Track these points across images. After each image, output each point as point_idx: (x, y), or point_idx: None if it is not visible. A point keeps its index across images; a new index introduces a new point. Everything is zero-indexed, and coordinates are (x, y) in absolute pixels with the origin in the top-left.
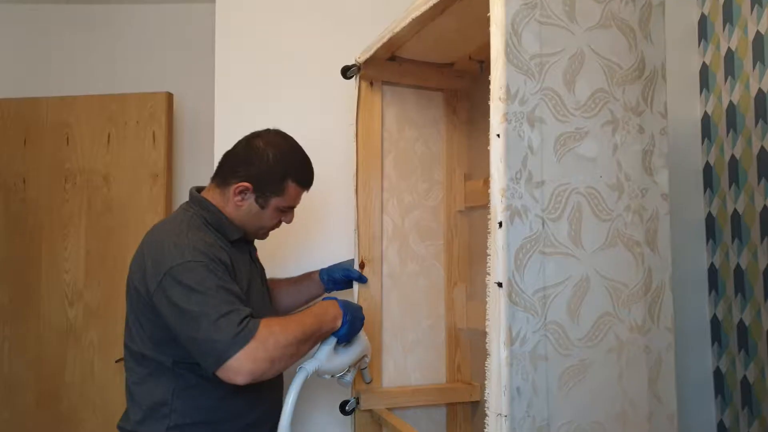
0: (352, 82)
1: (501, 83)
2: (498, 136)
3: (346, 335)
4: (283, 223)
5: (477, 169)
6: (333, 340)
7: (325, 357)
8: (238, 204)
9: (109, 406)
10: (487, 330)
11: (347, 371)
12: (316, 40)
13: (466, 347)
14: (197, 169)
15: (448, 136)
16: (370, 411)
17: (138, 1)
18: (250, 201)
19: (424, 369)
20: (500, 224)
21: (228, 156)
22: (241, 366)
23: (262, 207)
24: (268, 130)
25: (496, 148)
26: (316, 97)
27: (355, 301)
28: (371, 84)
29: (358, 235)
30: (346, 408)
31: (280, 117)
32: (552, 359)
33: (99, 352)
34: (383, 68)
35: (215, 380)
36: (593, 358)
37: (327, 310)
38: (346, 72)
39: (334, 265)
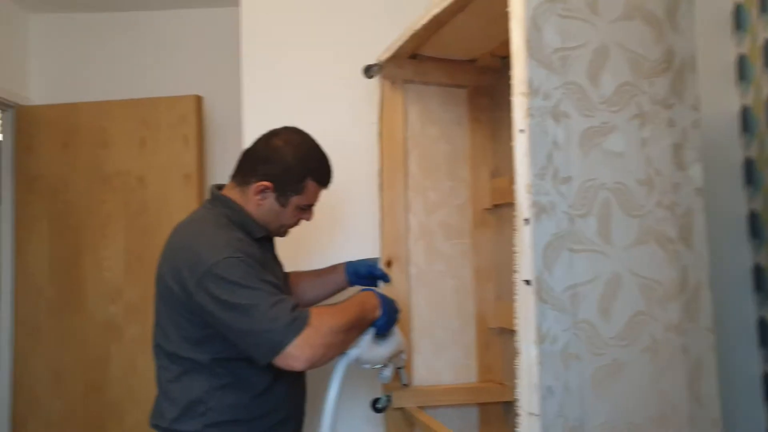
0: (375, 81)
1: (523, 78)
2: (522, 131)
3: (384, 326)
4: (310, 222)
5: (503, 167)
6: (372, 330)
7: (366, 346)
8: (258, 203)
9: (151, 399)
10: (516, 328)
11: (385, 366)
12: (339, 41)
13: (496, 347)
14: (227, 169)
15: (472, 134)
16: (401, 409)
17: (167, 6)
18: (270, 200)
19: (455, 368)
20: (526, 221)
21: (247, 155)
22: (301, 352)
23: (283, 205)
24: (286, 128)
25: (521, 143)
26: (339, 97)
27: None
28: (393, 82)
29: (383, 234)
30: (378, 405)
31: (305, 116)
32: (584, 358)
33: (140, 347)
34: (405, 66)
35: (248, 379)
36: (627, 358)
37: (368, 299)
38: (368, 71)
39: (360, 261)
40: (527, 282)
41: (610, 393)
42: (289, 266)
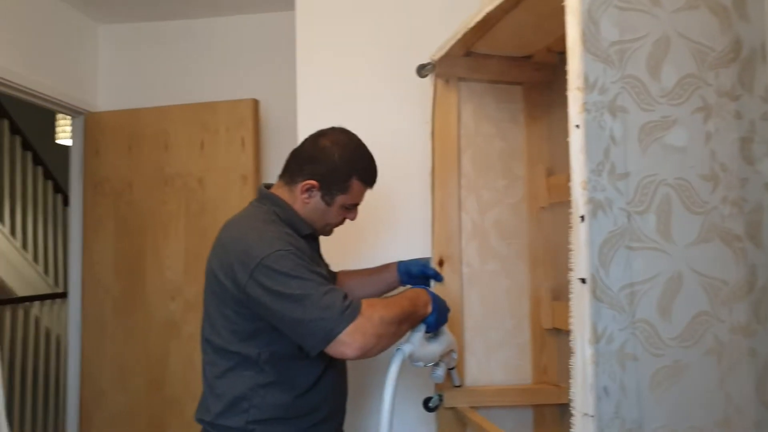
0: (428, 80)
1: (579, 73)
2: (577, 126)
3: (434, 323)
4: (362, 221)
5: (560, 164)
6: (423, 327)
7: (419, 342)
8: (305, 201)
9: None
10: (570, 327)
11: (437, 365)
12: (392, 41)
13: (552, 348)
14: None
15: (528, 131)
16: (453, 409)
17: (225, 13)
18: (316, 198)
19: (508, 369)
20: (582, 218)
21: (295, 154)
22: (354, 340)
23: (328, 204)
24: (333, 129)
25: (576, 139)
26: (392, 97)
27: None
28: (447, 81)
29: (434, 233)
30: (430, 404)
31: (358, 117)
32: (642, 359)
33: (197, 343)
34: (459, 65)
35: (293, 378)
36: (689, 360)
37: (419, 295)
38: (421, 70)
39: (412, 260)
40: (582, 280)
41: (671, 395)
42: (339, 266)
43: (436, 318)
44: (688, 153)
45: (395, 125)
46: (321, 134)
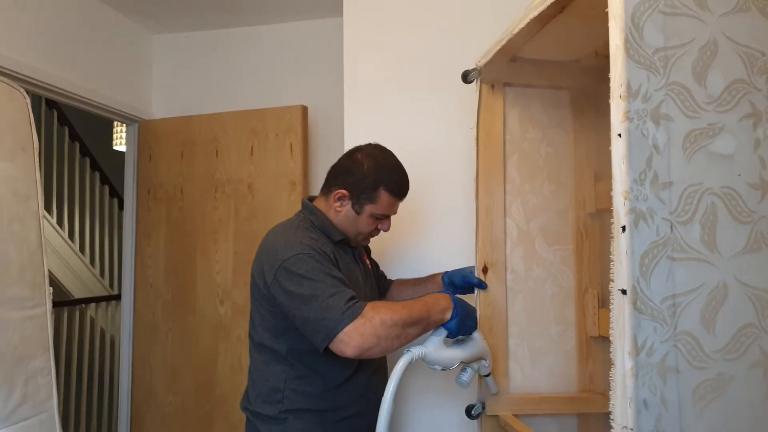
0: (474, 86)
1: (621, 80)
2: (619, 135)
3: (455, 329)
4: (407, 227)
5: (607, 170)
6: (443, 332)
7: (434, 346)
8: (337, 209)
9: None
10: (611, 339)
11: (463, 370)
12: (438, 47)
13: (598, 356)
14: None
15: (575, 136)
16: (496, 416)
17: (273, 21)
18: (347, 207)
19: (553, 377)
20: (623, 228)
21: (333, 168)
22: (351, 339)
23: (358, 213)
24: (369, 144)
25: (618, 148)
26: (438, 103)
27: (476, 306)
28: (492, 86)
29: (479, 239)
30: (472, 412)
31: (404, 124)
32: (684, 372)
33: (245, 346)
34: (504, 70)
35: (323, 372)
36: (733, 373)
37: (438, 301)
38: (467, 76)
39: (456, 270)
40: (623, 292)
41: (714, 409)
42: (386, 272)
43: (458, 324)
44: (735, 161)
45: (441, 131)
46: (357, 149)
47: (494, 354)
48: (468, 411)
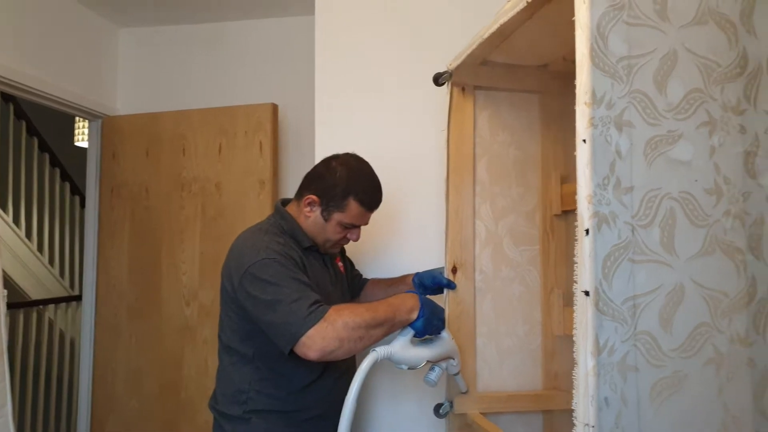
0: (445, 88)
1: (586, 88)
2: (584, 141)
3: (422, 329)
4: (379, 227)
5: (574, 173)
6: (410, 332)
7: (400, 346)
8: (307, 214)
9: None
10: (574, 339)
11: (431, 369)
12: (409, 49)
13: (563, 355)
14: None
15: (543, 139)
16: (464, 415)
17: (243, 17)
18: (316, 213)
19: (520, 375)
20: (587, 232)
21: (308, 174)
22: (313, 342)
23: (326, 220)
24: (347, 154)
25: (582, 153)
26: (409, 105)
27: (445, 306)
28: (463, 89)
29: (448, 240)
30: (441, 411)
31: (376, 124)
32: (643, 370)
33: (212, 348)
34: (475, 73)
35: (286, 375)
36: (689, 371)
37: (404, 301)
38: (438, 79)
39: (426, 271)
40: (586, 293)
41: (670, 406)
42: (362, 269)
43: (423, 324)
44: (692, 167)
45: (412, 132)
46: (334, 157)
47: (463, 353)
48: (436, 410)
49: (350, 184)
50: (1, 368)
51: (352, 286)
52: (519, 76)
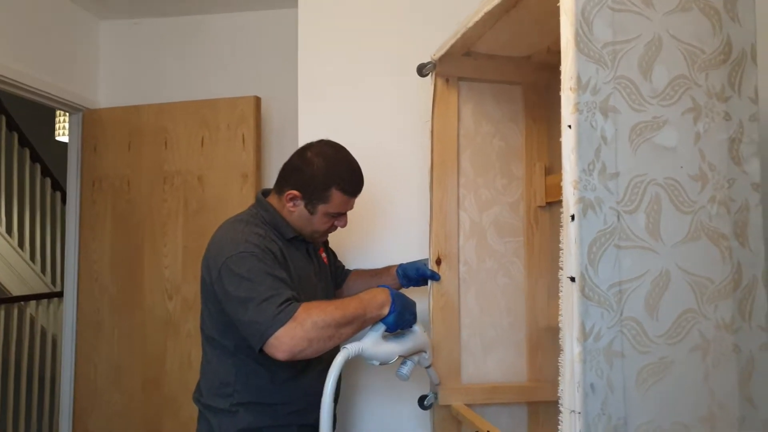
0: (429, 80)
1: (572, 73)
2: (569, 127)
3: (393, 324)
4: (363, 219)
5: (558, 164)
6: (381, 327)
7: (371, 342)
8: (290, 210)
9: None
10: (560, 326)
11: (403, 363)
12: (393, 41)
13: (548, 346)
14: None
15: (527, 131)
16: (448, 406)
17: (226, 9)
18: (300, 207)
19: (504, 367)
20: (572, 217)
21: (284, 166)
22: (281, 343)
23: (311, 213)
24: (320, 141)
25: (568, 139)
26: (393, 97)
27: (430, 298)
28: (447, 80)
29: (432, 231)
30: (425, 403)
31: (359, 116)
32: (629, 356)
33: (195, 342)
34: (459, 64)
35: (269, 367)
36: (675, 356)
37: (375, 297)
38: (422, 69)
39: (410, 263)
40: (572, 279)
41: (656, 391)
42: (346, 261)
43: (395, 320)
44: (677, 153)
45: (396, 124)
46: (308, 146)
47: (447, 345)
48: (420, 401)
49: (329, 174)
50: None
51: (335, 277)
52: (503, 67)
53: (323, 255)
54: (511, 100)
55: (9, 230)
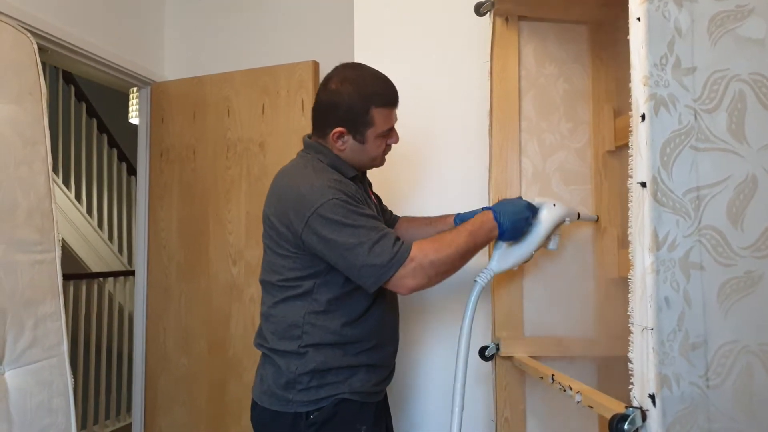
0: (487, 19)
1: None
2: (638, 19)
3: (510, 237)
4: (418, 166)
5: (627, 106)
6: (502, 245)
7: (498, 260)
8: (340, 148)
9: None
10: (629, 238)
11: (549, 239)
12: None
13: (617, 299)
14: None
15: (594, 72)
16: (510, 358)
17: None
18: (350, 142)
19: (570, 320)
20: (642, 117)
21: (316, 107)
22: (403, 283)
23: (362, 143)
24: (336, 68)
25: (636, 32)
26: (450, 39)
27: (488, 251)
28: (507, 20)
29: (492, 178)
30: (486, 353)
31: (416, 63)
32: (709, 269)
33: (258, 306)
34: (519, 2)
35: (340, 309)
36: (764, 271)
37: (482, 225)
38: (479, 8)
39: (468, 212)
40: (642, 184)
41: (741, 309)
42: (401, 209)
43: (510, 235)
44: (765, 46)
45: (455, 69)
46: (328, 79)
47: (509, 295)
48: (481, 352)
49: (363, 96)
50: (57, 309)
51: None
52: (566, 5)
53: (372, 197)
54: (576, 39)
55: (89, 211)
